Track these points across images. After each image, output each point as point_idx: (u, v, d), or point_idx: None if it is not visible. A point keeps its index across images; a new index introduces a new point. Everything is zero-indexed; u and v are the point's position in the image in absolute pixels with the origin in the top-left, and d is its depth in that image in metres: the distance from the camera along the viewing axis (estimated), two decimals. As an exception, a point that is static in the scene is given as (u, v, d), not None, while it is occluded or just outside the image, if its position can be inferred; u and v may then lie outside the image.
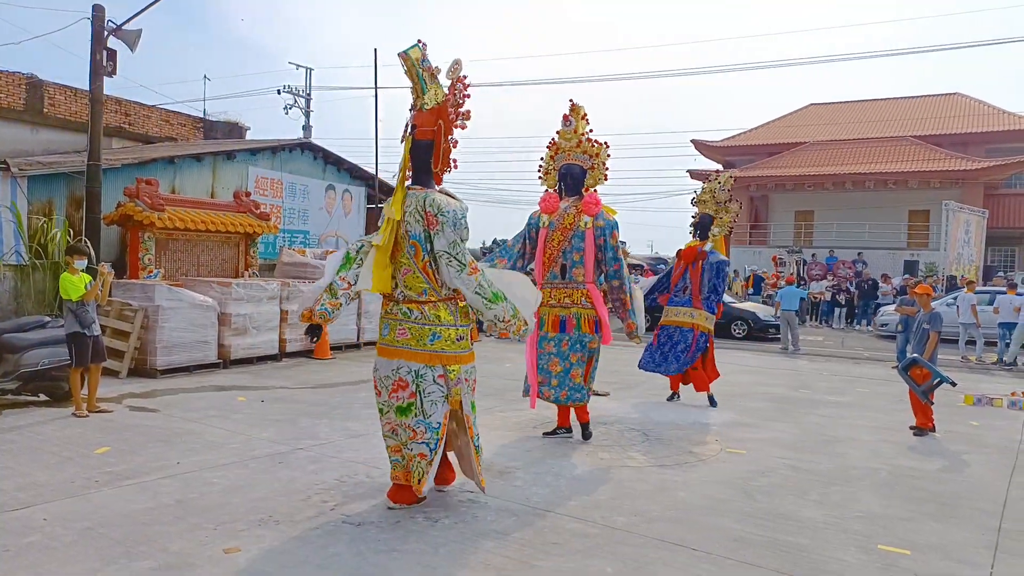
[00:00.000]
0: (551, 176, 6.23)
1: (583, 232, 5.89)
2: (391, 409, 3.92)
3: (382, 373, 3.95)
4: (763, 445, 6.14)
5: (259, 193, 14.07)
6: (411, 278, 3.97)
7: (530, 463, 5.28)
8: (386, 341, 3.95)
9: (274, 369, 9.61)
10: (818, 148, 29.42)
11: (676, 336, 7.73)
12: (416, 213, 3.93)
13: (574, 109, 6.10)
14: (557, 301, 5.95)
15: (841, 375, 10.92)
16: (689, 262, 7.79)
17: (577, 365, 5.89)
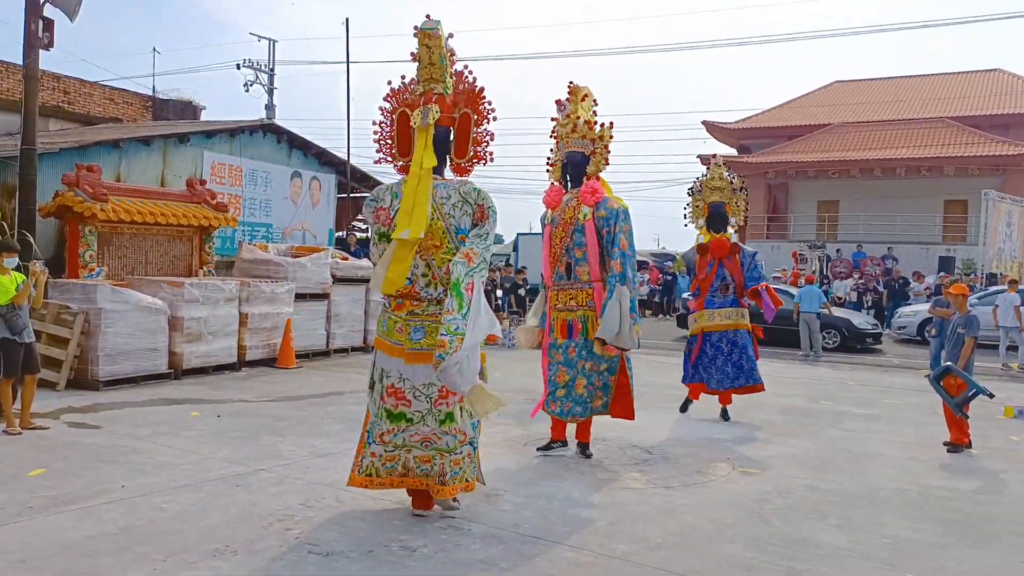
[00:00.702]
0: (557, 168, 6.30)
1: (582, 225, 5.92)
2: (431, 419, 4.07)
3: (421, 380, 4.07)
4: (779, 463, 6.19)
5: (216, 181, 14.03)
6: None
7: (520, 484, 5.30)
8: (423, 345, 4.05)
9: (232, 380, 9.59)
10: (844, 131, 29.59)
11: (736, 340, 7.76)
12: (465, 206, 4.11)
13: (573, 92, 6.15)
14: (563, 304, 5.99)
15: (868, 385, 11.01)
16: (723, 256, 7.85)
17: (584, 374, 5.89)
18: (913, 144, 27.67)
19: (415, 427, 4.10)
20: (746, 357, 7.75)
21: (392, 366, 4.10)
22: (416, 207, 4.02)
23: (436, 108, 4.14)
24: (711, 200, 8.10)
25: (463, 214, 4.10)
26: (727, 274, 7.86)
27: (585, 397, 5.93)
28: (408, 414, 4.09)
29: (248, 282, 10.61)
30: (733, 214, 8.14)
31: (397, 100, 4.39)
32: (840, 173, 28.05)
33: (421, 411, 4.09)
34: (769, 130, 31.87)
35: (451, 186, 4.16)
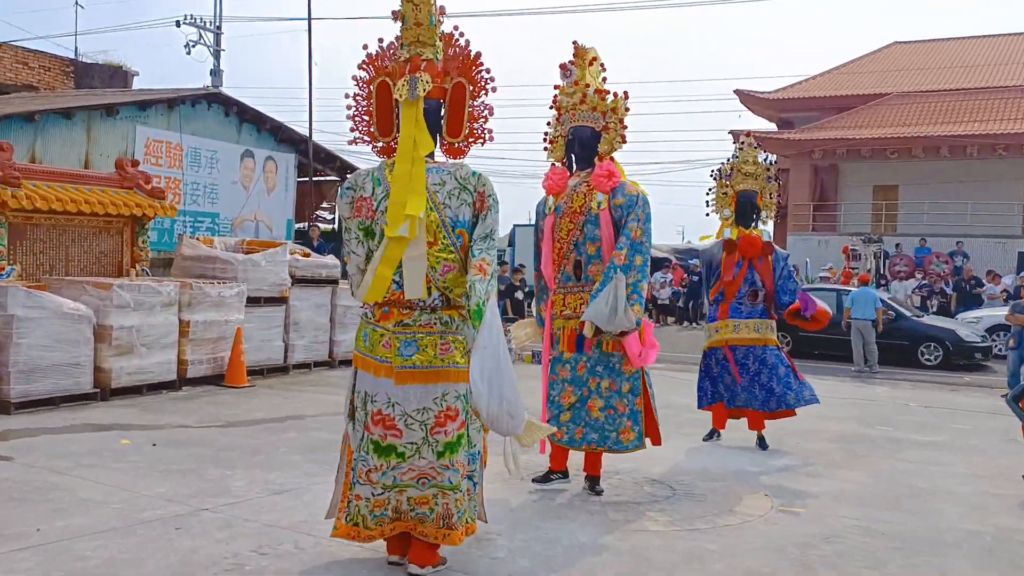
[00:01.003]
0: (558, 145, 6.25)
1: (596, 216, 5.87)
2: (427, 450, 4.01)
3: (413, 405, 4.00)
4: (826, 500, 6.20)
5: (151, 162, 14.05)
6: (455, 277, 4.08)
7: (517, 525, 5.31)
8: (416, 362, 4.00)
9: (171, 401, 9.58)
10: (904, 102, 29.70)
11: (764, 357, 7.80)
12: (463, 193, 4.06)
13: (579, 54, 6.09)
14: (573, 310, 5.93)
15: (933, 406, 11.05)
16: (753, 256, 7.86)
17: (600, 395, 5.87)
18: (988, 118, 27.78)
19: (408, 462, 4.00)
20: (776, 378, 7.75)
21: (379, 388, 4.02)
22: (412, 197, 3.95)
23: (427, 77, 4.08)
24: (741, 187, 8.08)
25: (461, 204, 4.04)
26: (758, 278, 7.87)
27: (603, 423, 5.90)
28: (399, 447, 4.00)
29: (190, 283, 10.60)
30: (765, 207, 8.13)
31: (375, 68, 4.30)
32: (900, 152, 28.14)
33: (415, 442, 3.99)
34: (815, 101, 31.98)
35: (445, 170, 4.10)
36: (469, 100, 4.19)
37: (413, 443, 3.99)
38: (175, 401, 9.58)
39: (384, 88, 4.24)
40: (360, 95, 4.33)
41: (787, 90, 33.17)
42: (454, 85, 4.17)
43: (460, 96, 4.17)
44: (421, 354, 4.00)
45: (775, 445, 8.00)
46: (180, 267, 11.99)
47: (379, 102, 4.26)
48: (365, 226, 4.09)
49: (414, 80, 4.05)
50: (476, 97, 4.21)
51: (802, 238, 28.24)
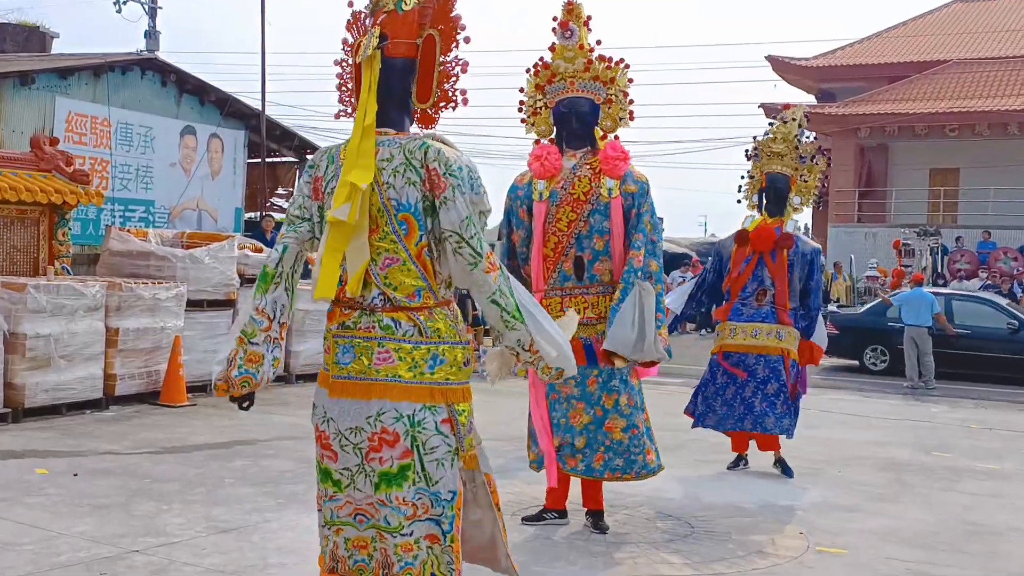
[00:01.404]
0: (542, 118, 6.19)
1: (606, 204, 5.85)
2: (363, 480, 3.85)
3: (345, 423, 3.86)
4: (872, 540, 6.20)
5: (73, 140, 14.01)
6: (398, 272, 3.90)
7: (505, 571, 5.31)
8: (351, 372, 3.87)
9: (96, 423, 9.55)
10: (965, 70, 29.81)
11: (755, 368, 7.81)
12: (408, 170, 3.88)
13: (572, 10, 6.02)
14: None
15: (997, 428, 11.08)
16: (765, 251, 7.86)
17: (620, 413, 5.86)
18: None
19: (345, 493, 3.87)
20: (763, 396, 7.73)
21: (320, 401, 3.95)
22: (359, 176, 3.84)
23: (377, 31, 3.96)
24: (769, 169, 8.09)
25: (405, 183, 3.85)
26: (766, 276, 7.87)
27: (628, 445, 5.87)
28: (334, 472, 3.88)
29: (119, 284, 10.57)
30: (798, 192, 8.10)
31: (359, 29, 4.21)
32: (961, 130, 28.22)
33: (350, 468, 3.84)
34: (861, 69, 32.09)
35: (396, 143, 3.93)
36: (439, 55, 4.02)
37: (348, 469, 3.85)
38: (101, 423, 9.53)
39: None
40: (345, 61, 4.24)
41: (828, 56, 33.27)
42: (426, 39, 4.02)
43: (430, 52, 4.02)
44: (357, 363, 3.85)
45: (814, 474, 8.02)
46: (108, 264, 11.96)
47: (356, 68, 4.16)
48: (323, 210, 4.00)
49: (369, 36, 3.98)
50: (447, 51, 4.03)
51: (846, 230, 28.32)
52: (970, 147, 28.51)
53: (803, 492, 7.52)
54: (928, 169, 29.82)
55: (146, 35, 23.13)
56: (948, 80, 29.58)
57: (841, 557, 5.83)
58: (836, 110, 29.48)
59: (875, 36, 34.17)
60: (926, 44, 32.13)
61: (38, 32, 20.94)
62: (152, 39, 23.01)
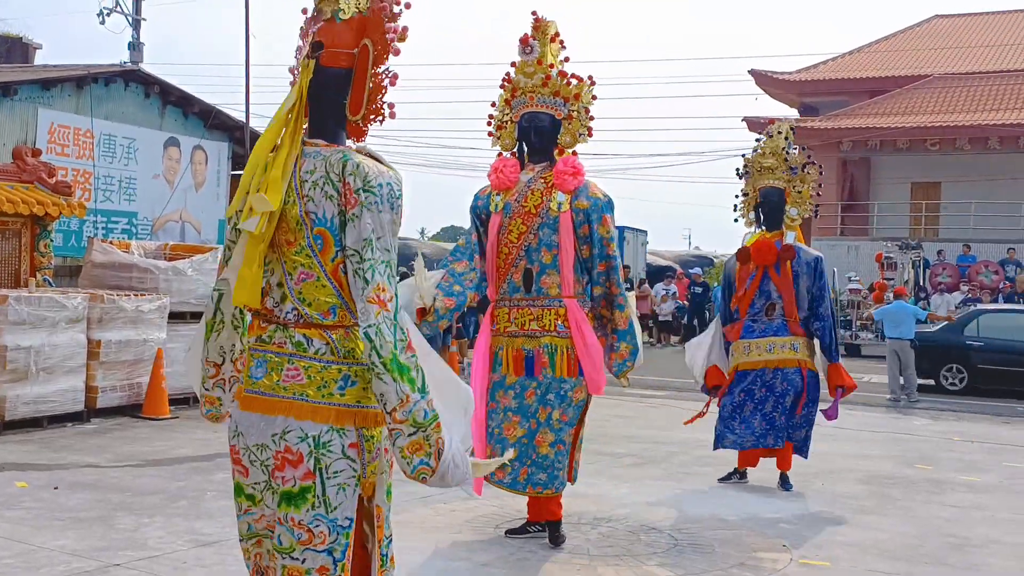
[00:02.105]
0: (507, 132, 6.24)
1: (556, 219, 5.89)
2: (270, 496, 3.75)
3: (253, 439, 3.75)
4: (855, 552, 6.21)
5: (56, 151, 13.96)
6: (312, 287, 3.78)
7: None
8: (261, 387, 3.74)
9: (77, 436, 9.50)
10: (947, 85, 30.06)
11: (774, 383, 7.80)
12: (328, 183, 3.74)
13: (539, 28, 6.08)
14: (520, 327, 5.96)
15: (979, 441, 11.13)
16: (768, 264, 7.87)
17: (551, 427, 5.87)
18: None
19: (258, 507, 3.79)
20: (781, 409, 7.75)
21: (234, 413, 3.86)
22: (271, 186, 3.73)
23: (310, 40, 3.84)
24: (761, 184, 8.11)
25: (324, 196, 3.71)
26: (773, 290, 7.88)
27: (552, 460, 5.89)
28: (246, 487, 3.79)
29: (101, 295, 10.52)
30: (794, 204, 8.11)
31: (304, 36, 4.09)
32: (942, 144, 28.45)
33: (259, 483, 3.75)
34: (843, 83, 32.32)
35: (321, 155, 3.81)
36: (371, 67, 3.87)
37: (257, 484, 3.75)
38: (82, 436, 9.47)
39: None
40: (296, 69, 4.08)
41: (810, 70, 33.49)
42: (360, 49, 3.88)
43: (364, 63, 3.87)
44: (267, 378, 3.71)
45: (796, 486, 8.02)
46: (90, 276, 11.91)
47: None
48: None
49: (304, 44, 3.88)
50: (381, 63, 3.88)
51: (829, 243, 28.38)
52: (951, 161, 28.72)
53: (786, 505, 7.53)
54: (910, 183, 30.01)
55: (130, 47, 23.02)
56: (930, 95, 29.81)
57: (824, 569, 5.83)
58: (818, 124, 29.66)
59: (857, 51, 34.40)
60: (908, 59, 32.38)
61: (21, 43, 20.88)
62: (136, 51, 22.89)
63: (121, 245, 12.46)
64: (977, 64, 31.15)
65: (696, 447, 9.55)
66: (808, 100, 33.15)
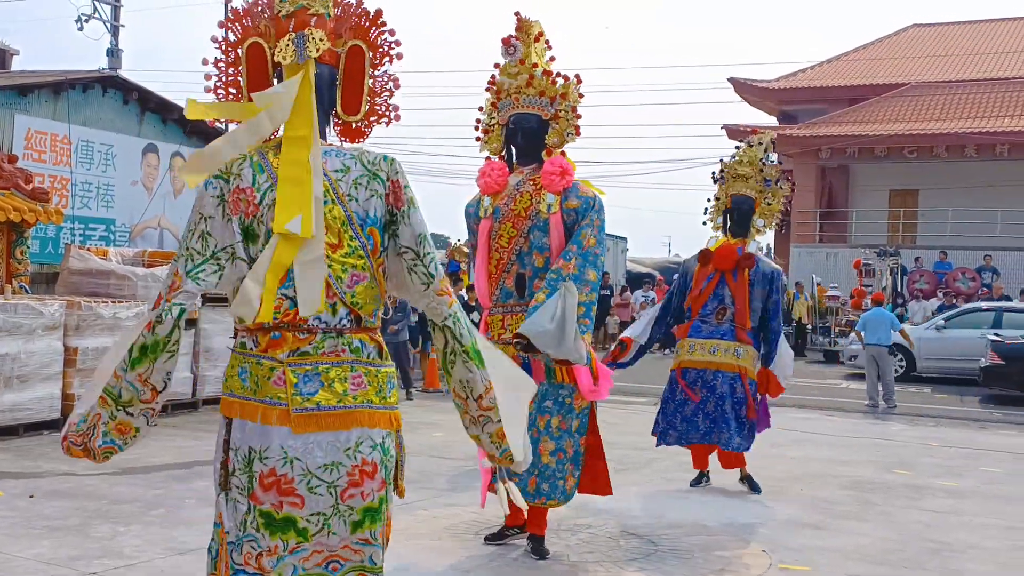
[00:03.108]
0: (494, 136, 6.21)
1: (546, 221, 5.83)
2: (338, 522, 3.50)
3: (320, 460, 3.47)
4: (834, 557, 6.23)
5: (32, 157, 13.87)
6: (366, 290, 3.63)
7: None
8: (322, 401, 3.50)
9: (54, 443, 9.39)
10: (924, 93, 30.28)
11: (714, 384, 7.85)
12: (374, 182, 3.66)
13: (522, 28, 6.05)
14: (514, 334, 5.80)
15: (957, 446, 11.19)
16: (727, 269, 7.92)
17: (550, 435, 5.83)
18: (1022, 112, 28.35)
19: (313, 541, 3.48)
20: (720, 410, 7.75)
21: (270, 441, 3.47)
22: (304, 183, 3.56)
23: (321, 34, 3.69)
24: (734, 192, 8.17)
25: (371, 195, 3.63)
26: (727, 295, 7.92)
27: (555, 470, 5.84)
28: (300, 521, 3.45)
29: (79, 302, 10.46)
30: (762, 215, 8.19)
31: (243, 26, 3.90)
32: (920, 152, 28.68)
33: (323, 512, 3.46)
34: (822, 91, 32.52)
35: (347, 154, 3.71)
36: (369, 69, 3.81)
37: (320, 514, 3.45)
38: (58, 444, 9.40)
39: (258, 51, 3.82)
40: (222, 60, 3.92)
41: (789, 79, 33.68)
42: (348, 50, 3.81)
43: (358, 64, 3.80)
44: (327, 391, 3.49)
45: (778, 492, 8.06)
46: (67, 283, 11.84)
47: (251, 68, 3.85)
48: (245, 225, 3.61)
49: (302, 37, 3.66)
50: (378, 65, 3.82)
51: (808, 250, 28.60)
52: (929, 169, 28.95)
53: (766, 510, 7.55)
54: (888, 190, 30.23)
55: (108, 53, 22.96)
56: (907, 103, 30.03)
57: (804, 574, 5.86)
58: (797, 132, 29.81)
59: (836, 59, 34.63)
60: (885, 67, 32.60)
61: (-2, 49, 20.75)
62: (114, 57, 22.85)
63: (99, 252, 12.40)
64: (954, 73, 31.42)
65: (675, 453, 9.55)
66: (787, 108, 33.35)
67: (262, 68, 3.80)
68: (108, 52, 22.88)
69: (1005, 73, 30.46)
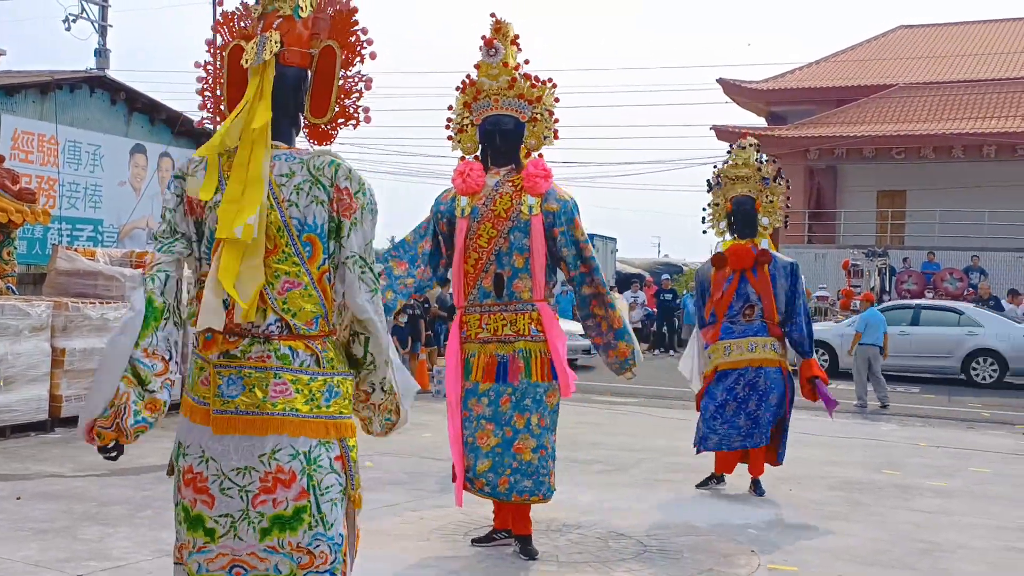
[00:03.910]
0: (468, 135, 6.21)
1: (526, 222, 5.87)
2: (246, 528, 3.50)
3: (233, 463, 3.50)
4: (823, 557, 6.25)
5: (19, 157, 13.82)
6: (298, 297, 3.61)
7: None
8: (241, 405, 3.52)
9: (41, 445, 9.40)
10: (912, 94, 30.39)
11: (756, 381, 7.86)
12: (316, 188, 3.62)
13: (499, 29, 6.06)
14: (492, 333, 5.92)
15: (946, 447, 11.22)
16: (746, 267, 7.95)
17: (531, 432, 5.85)
18: (1008, 113, 28.51)
19: (219, 543, 3.49)
20: (766, 407, 7.81)
21: (193, 438, 3.57)
22: (248, 189, 3.54)
23: (276, 36, 3.69)
24: (734, 194, 8.18)
25: (311, 201, 3.59)
26: (751, 292, 7.96)
27: (537, 466, 5.85)
28: (208, 520, 3.49)
29: (66, 303, 10.42)
30: (766, 213, 8.21)
31: (231, 30, 3.92)
32: (907, 153, 28.77)
33: (230, 515, 3.47)
34: (809, 92, 32.59)
35: (296, 158, 3.66)
36: (339, 69, 3.77)
37: (228, 516, 3.47)
38: (46, 446, 9.38)
39: (237, 54, 3.81)
40: (210, 64, 3.96)
41: (778, 80, 33.76)
42: (322, 50, 3.78)
43: (329, 64, 3.78)
44: (247, 395, 3.49)
45: (767, 492, 8.07)
46: (54, 284, 11.80)
47: (231, 72, 3.85)
48: (197, 223, 3.70)
49: (262, 40, 3.67)
50: (349, 65, 3.78)
51: (796, 251, 28.48)
52: (916, 169, 29.05)
53: (756, 510, 7.56)
54: (876, 191, 30.33)
55: (96, 53, 22.85)
56: (895, 104, 30.14)
57: (792, 575, 5.86)
58: (786, 132, 29.89)
59: (824, 60, 34.72)
60: (873, 69, 32.69)
61: (-16, 49, 20.64)
62: (102, 57, 22.74)
63: (86, 252, 12.35)
64: (941, 74, 31.53)
65: (666, 454, 9.57)
66: (776, 109, 33.42)
67: (242, 71, 3.76)
68: (96, 52, 22.78)
69: (993, 74, 30.58)
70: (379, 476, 8.18)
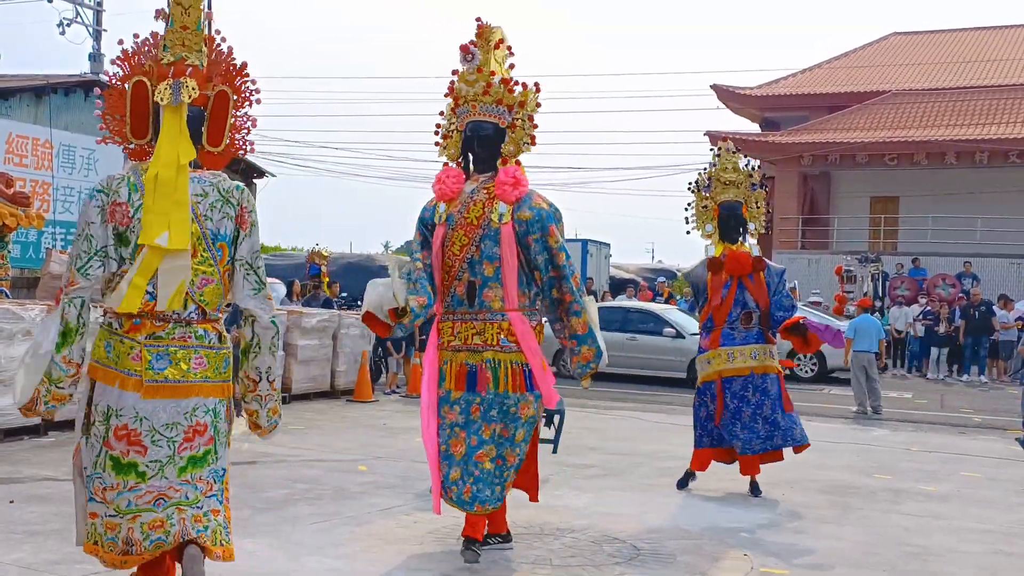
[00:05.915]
0: (452, 142, 6.18)
1: (497, 230, 5.79)
2: (170, 468, 4.53)
3: (161, 420, 4.49)
4: (815, 560, 6.28)
5: (14, 161, 13.82)
6: (212, 290, 4.68)
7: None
8: (169, 376, 4.54)
9: (34, 449, 9.39)
10: (905, 101, 30.49)
11: (765, 386, 7.97)
12: (226, 206, 4.70)
13: (482, 34, 6.02)
14: (463, 341, 5.85)
15: (938, 451, 11.25)
16: (744, 274, 8.02)
17: (499, 443, 5.80)
18: (1001, 120, 28.62)
19: (148, 483, 4.47)
20: (780, 409, 7.96)
21: (125, 403, 4.49)
22: (176, 207, 4.51)
23: (193, 83, 4.62)
24: (722, 199, 8.22)
25: (223, 216, 4.65)
26: (749, 298, 8.02)
27: (494, 475, 5.79)
28: (140, 465, 4.48)
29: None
30: (752, 218, 8.26)
31: (131, 66, 4.80)
32: (900, 159, 28.85)
33: (159, 460, 4.48)
34: (803, 99, 32.67)
35: (207, 181, 4.70)
36: (232, 110, 4.81)
37: (157, 461, 4.47)
38: (39, 449, 9.37)
39: (141, 88, 4.73)
40: (113, 92, 4.84)
41: (772, 86, 33.84)
42: (216, 93, 4.75)
43: (223, 105, 4.77)
44: (173, 368, 4.52)
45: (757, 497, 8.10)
46: (48, 288, 11.79)
47: (135, 101, 4.75)
48: (119, 232, 4.57)
49: (178, 84, 4.62)
50: (240, 107, 4.86)
51: (789, 256, 28.67)
52: (909, 176, 29.13)
53: (747, 514, 7.58)
54: (869, 197, 30.40)
55: (90, 58, 22.86)
56: (888, 110, 30.23)
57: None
58: (779, 139, 29.98)
59: (817, 67, 34.80)
60: (867, 75, 32.79)
61: (-22, 53, 20.64)
62: (96, 62, 22.75)
63: (80, 256, 12.32)
64: (934, 80, 31.63)
65: (659, 458, 9.60)
66: (769, 115, 33.49)
67: (144, 102, 4.74)
68: (90, 56, 22.81)
69: (985, 81, 30.68)
70: (373, 480, 8.20)
